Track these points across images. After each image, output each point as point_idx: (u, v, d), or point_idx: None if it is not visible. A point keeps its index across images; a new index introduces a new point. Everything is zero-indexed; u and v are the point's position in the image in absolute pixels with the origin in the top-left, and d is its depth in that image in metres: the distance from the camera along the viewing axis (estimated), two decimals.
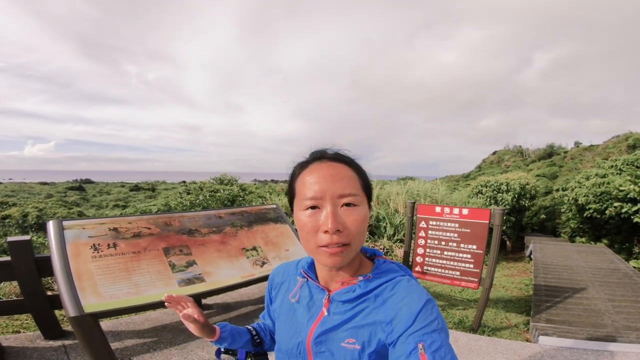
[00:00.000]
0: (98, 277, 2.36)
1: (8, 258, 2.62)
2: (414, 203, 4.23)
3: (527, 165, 24.95)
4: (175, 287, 2.59)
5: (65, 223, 2.62)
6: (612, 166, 12.01)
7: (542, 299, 4.91)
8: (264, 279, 3.11)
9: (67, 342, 2.70)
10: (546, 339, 3.35)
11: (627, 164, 11.05)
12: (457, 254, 4.02)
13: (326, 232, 0.67)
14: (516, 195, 12.39)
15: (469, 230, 3.95)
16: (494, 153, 32.45)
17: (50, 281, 3.88)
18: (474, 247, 3.93)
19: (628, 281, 5.79)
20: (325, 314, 0.76)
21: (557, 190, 14.80)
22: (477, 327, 3.84)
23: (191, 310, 0.89)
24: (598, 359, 2.81)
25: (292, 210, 0.78)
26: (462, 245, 3.99)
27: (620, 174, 10.82)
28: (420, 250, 4.23)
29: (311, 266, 0.86)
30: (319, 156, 0.75)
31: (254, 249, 3.41)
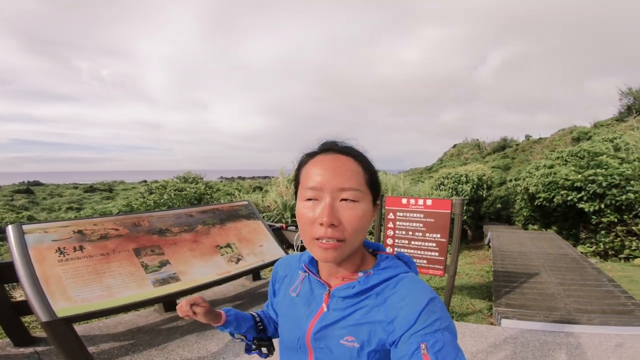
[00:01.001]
0: (67, 281, 2.28)
1: None
2: (382, 195, 4.41)
3: (484, 158, 26.42)
4: (149, 288, 2.56)
5: (25, 227, 2.49)
6: (558, 157, 13.05)
7: (501, 285, 5.29)
8: (240, 275, 3.13)
9: (39, 349, 2.59)
10: (508, 322, 3.62)
11: (572, 155, 12.06)
12: (423, 243, 4.23)
13: (322, 224, 0.65)
14: (474, 186, 13.13)
15: (433, 220, 4.17)
16: (454, 146, 34.04)
17: (9, 288, 3.64)
18: (438, 236, 4.16)
19: (576, 265, 6.37)
20: (325, 309, 0.75)
21: (511, 180, 15.85)
22: None
23: (199, 309, 0.91)
24: (555, 339, 3.03)
25: (296, 199, 0.75)
26: (427, 234, 4.20)
27: (565, 164, 11.80)
28: (389, 241, 4.42)
29: (313, 260, 0.83)
30: (327, 148, 0.73)
31: (228, 246, 3.41)
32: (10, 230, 2.41)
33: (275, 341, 0.97)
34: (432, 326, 0.62)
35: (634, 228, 8.06)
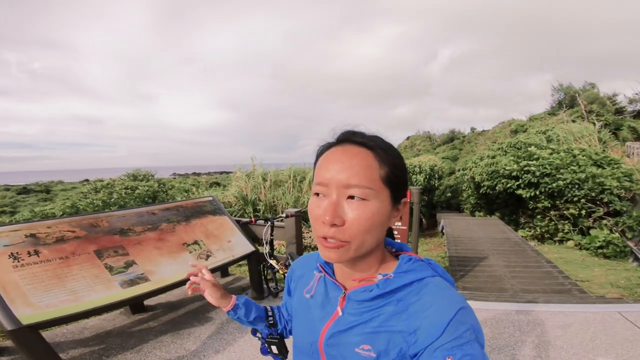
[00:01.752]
0: (26, 287, 2.12)
1: None
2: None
3: (435, 149, 27.98)
4: (117, 290, 2.45)
5: None
6: (499, 148, 14.19)
7: (456, 269, 5.72)
8: (212, 271, 3.09)
9: (4, 358, 2.41)
10: (470, 303, 3.94)
11: (511, 147, 13.20)
12: None
13: (324, 222, 0.60)
14: (427, 176, 13.90)
15: None
16: (408, 138, 35.58)
17: None
18: (399, 224, 4.43)
19: (518, 249, 7.05)
20: (340, 314, 0.69)
21: (459, 170, 16.96)
22: None
23: (208, 275, 0.95)
24: (507, 317, 3.30)
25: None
26: None
27: (505, 155, 12.87)
28: None
29: None
30: (344, 139, 0.66)
31: (196, 242, 3.34)
32: None
33: (289, 343, 0.93)
34: (460, 339, 0.56)
35: (565, 212, 9.06)
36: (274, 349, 0.95)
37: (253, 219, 3.55)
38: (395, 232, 4.44)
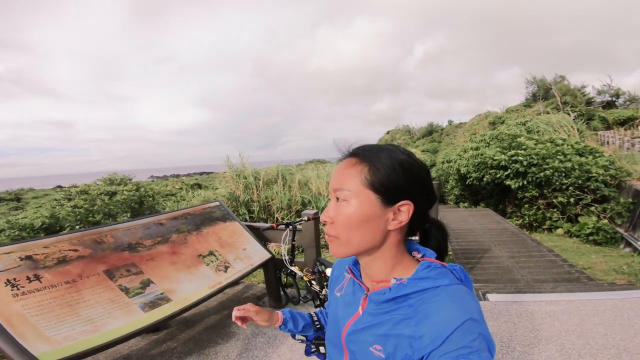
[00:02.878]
0: (35, 319, 1.75)
1: None
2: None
3: (414, 142, 28.36)
4: (139, 314, 2.11)
5: None
6: (481, 140, 14.45)
7: (462, 262, 5.66)
8: (232, 284, 2.80)
9: None
10: (494, 297, 3.81)
11: (493, 138, 13.46)
12: None
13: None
14: None
15: None
16: (388, 132, 35.88)
17: None
18: None
19: (517, 239, 7.09)
20: (361, 313, 0.74)
21: (443, 162, 17.16)
22: None
23: (251, 307, 0.96)
24: (540, 308, 3.22)
25: None
26: None
27: (488, 146, 13.10)
28: None
29: (357, 262, 0.81)
30: (346, 152, 0.75)
31: (211, 253, 3.02)
32: None
33: None
34: (465, 348, 0.55)
35: (554, 201, 9.30)
36: (322, 349, 1.03)
37: (275, 225, 3.27)
38: None
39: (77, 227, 5.69)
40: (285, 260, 3.29)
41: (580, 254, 6.68)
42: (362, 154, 0.70)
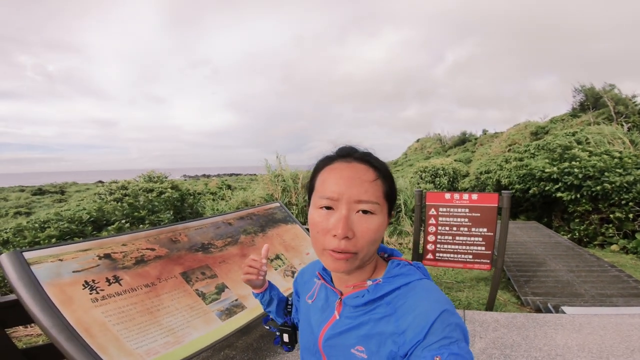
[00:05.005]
0: (116, 328, 1.58)
1: None
2: (421, 191, 4.11)
3: (446, 151, 27.52)
4: (217, 324, 1.92)
5: (28, 255, 1.72)
6: (525, 151, 13.74)
7: (516, 275, 5.25)
8: None
9: None
10: (570, 309, 3.51)
11: (539, 149, 12.74)
12: (468, 238, 4.01)
13: (335, 236, 0.63)
14: (450, 179, 13.45)
15: (479, 215, 3.96)
16: (418, 141, 35.11)
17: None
18: (485, 230, 3.95)
19: (573, 253, 6.57)
20: (337, 317, 0.73)
21: (481, 173, 16.47)
22: (492, 306, 3.90)
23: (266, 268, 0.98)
24: (624, 320, 3.00)
25: (309, 204, 0.72)
26: (473, 229, 3.98)
27: (534, 157, 12.41)
28: (431, 238, 4.12)
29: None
30: (345, 154, 0.70)
31: (278, 257, 2.82)
32: (6, 260, 1.63)
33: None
34: (446, 338, 0.57)
35: (610, 216, 8.60)
36: (286, 337, 1.01)
37: None
38: (480, 239, 3.96)
39: (124, 221, 5.69)
40: None
41: None
42: (372, 162, 0.68)
